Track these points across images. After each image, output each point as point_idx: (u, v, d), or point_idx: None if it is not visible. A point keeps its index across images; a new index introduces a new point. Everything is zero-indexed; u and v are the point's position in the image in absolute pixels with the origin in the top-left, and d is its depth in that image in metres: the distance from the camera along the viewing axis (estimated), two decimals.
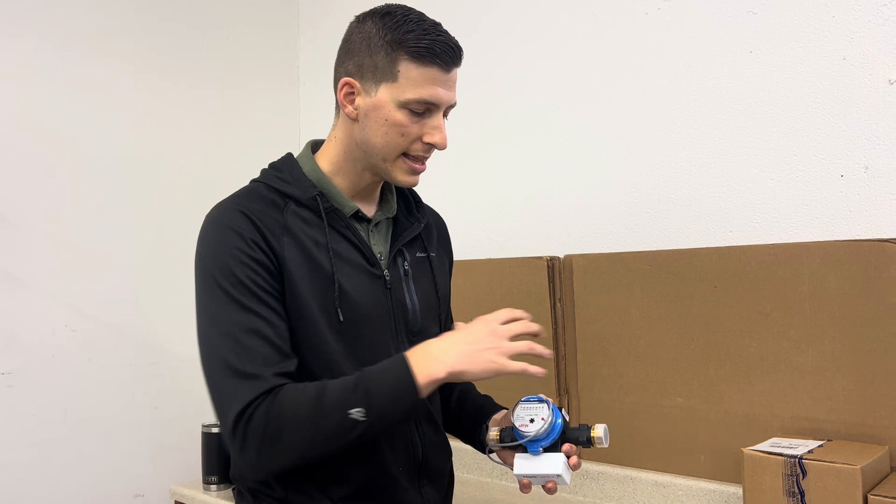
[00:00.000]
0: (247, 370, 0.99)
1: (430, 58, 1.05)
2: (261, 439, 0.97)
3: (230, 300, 1.03)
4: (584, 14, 1.86)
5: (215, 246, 1.06)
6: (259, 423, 0.97)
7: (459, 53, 1.09)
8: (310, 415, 0.98)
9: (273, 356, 1.02)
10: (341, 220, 1.13)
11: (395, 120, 1.07)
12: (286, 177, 1.14)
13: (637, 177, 1.76)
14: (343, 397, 0.98)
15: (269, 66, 2.54)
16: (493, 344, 1.03)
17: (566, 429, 1.08)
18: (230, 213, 1.08)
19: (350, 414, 0.97)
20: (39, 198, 1.96)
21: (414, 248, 1.22)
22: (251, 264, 1.04)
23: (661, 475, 1.53)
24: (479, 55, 2.08)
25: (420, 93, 1.06)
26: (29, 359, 1.92)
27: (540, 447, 1.05)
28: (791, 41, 1.54)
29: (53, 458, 1.95)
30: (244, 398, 0.98)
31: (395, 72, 1.05)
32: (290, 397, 0.99)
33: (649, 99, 1.74)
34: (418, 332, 1.18)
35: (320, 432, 0.98)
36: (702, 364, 1.49)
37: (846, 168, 1.47)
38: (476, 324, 1.07)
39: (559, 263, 1.71)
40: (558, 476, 1.04)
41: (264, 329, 1.02)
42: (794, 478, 1.20)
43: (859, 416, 1.31)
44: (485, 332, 1.05)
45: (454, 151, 2.13)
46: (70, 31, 2.04)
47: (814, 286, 1.36)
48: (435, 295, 1.23)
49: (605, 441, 1.08)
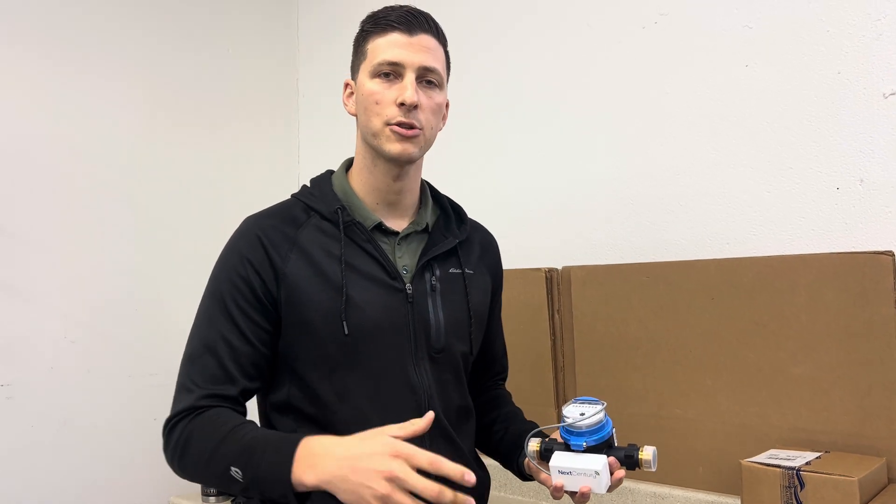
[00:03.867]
0: (187, 384, 1.08)
1: (388, 24, 1.11)
2: (171, 453, 1.07)
3: (208, 313, 1.11)
4: (580, 26, 1.87)
5: (222, 261, 1.14)
6: (174, 435, 1.06)
7: (424, 18, 1.14)
8: (204, 451, 1.02)
9: (218, 376, 1.08)
10: (362, 233, 1.13)
11: (368, 90, 1.11)
12: (315, 192, 1.18)
13: (634, 189, 1.77)
14: (234, 451, 0.99)
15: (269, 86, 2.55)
16: (377, 485, 0.86)
17: (613, 444, 1.01)
18: (245, 230, 1.14)
19: (231, 469, 0.99)
20: (39, 209, 1.97)
21: (448, 264, 1.20)
22: (239, 285, 1.09)
23: (660, 486, 1.53)
24: (475, 65, 2.09)
25: (381, 55, 1.10)
26: (28, 370, 1.92)
27: (584, 442, 0.98)
28: (786, 55, 1.55)
29: (52, 468, 1.95)
30: (175, 408, 1.08)
31: (364, 50, 1.13)
32: (204, 425, 1.04)
33: (646, 112, 1.75)
34: (441, 349, 1.16)
35: (209, 472, 1.03)
36: (699, 375, 1.50)
37: (842, 181, 1.48)
38: (380, 453, 0.89)
39: (557, 275, 1.72)
40: (596, 475, 0.95)
41: (221, 349, 1.08)
42: (792, 489, 1.20)
43: (856, 427, 1.32)
44: (379, 468, 0.87)
45: (451, 162, 2.15)
46: (71, 44, 2.05)
47: (810, 298, 1.37)
48: (467, 313, 1.20)
49: (653, 465, 0.99)
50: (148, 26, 2.22)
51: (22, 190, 1.94)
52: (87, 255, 2.05)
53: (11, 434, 1.89)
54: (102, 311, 2.07)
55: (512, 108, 2.02)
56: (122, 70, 2.15)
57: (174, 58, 2.28)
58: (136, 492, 2.10)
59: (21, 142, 1.95)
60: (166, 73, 2.26)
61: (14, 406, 1.89)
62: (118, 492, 2.07)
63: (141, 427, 2.11)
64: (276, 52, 2.59)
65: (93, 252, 2.06)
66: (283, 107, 2.59)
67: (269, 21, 2.58)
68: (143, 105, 2.19)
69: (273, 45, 2.58)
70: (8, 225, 1.91)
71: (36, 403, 1.93)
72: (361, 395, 1.09)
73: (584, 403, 1.03)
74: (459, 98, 2.12)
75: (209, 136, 2.35)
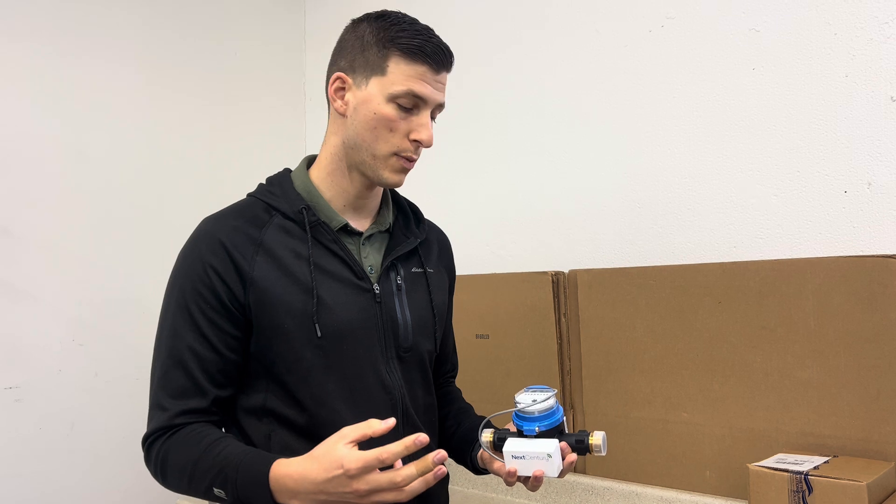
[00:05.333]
0: (159, 400, 1.08)
1: (421, 55, 1.07)
2: (153, 469, 1.09)
3: (172, 325, 1.09)
4: (588, 31, 1.87)
5: (180, 267, 1.12)
6: (153, 455, 1.08)
7: (450, 57, 1.11)
8: (184, 472, 1.04)
9: (189, 390, 1.07)
10: (327, 233, 1.12)
11: (383, 114, 1.08)
12: (276, 191, 1.16)
13: (641, 193, 1.77)
14: (210, 471, 1.01)
15: (276, 81, 2.57)
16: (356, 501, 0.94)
17: (564, 430, 1.04)
18: (204, 234, 1.11)
19: (213, 489, 1.02)
20: (45, 211, 1.97)
21: (410, 263, 1.21)
22: (203, 292, 1.08)
23: (666, 491, 1.53)
24: (485, 71, 2.09)
25: (409, 85, 1.07)
26: (35, 373, 1.93)
27: (536, 427, 1.01)
28: (794, 58, 1.55)
29: (59, 471, 1.95)
30: (150, 427, 1.09)
31: (385, 66, 1.08)
32: (178, 445, 1.05)
33: (653, 115, 1.75)
34: (409, 347, 1.17)
35: (193, 490, 1.04)
36: (706, 379, 1.50)
37: (849, 184, 1.48)
38: (339, 479, 0.94)
39: (564, 278, 1.72)
40: (549, 457, 0.98)
41: (189, 361, 1.07)
42: (800, 494, 1.19)
43: (864, 431, 1.31)
44: (347, 489, 0.93)
45: (459, 166, 2.15)
46: (74, 41, 2.06)
47: (818, 302, 1.37)
48: (431, 311, 1.22)
49: (602, 449, 1.02)
50: (153, 21, 2.23)
51: (29, 192, 1.95)
52: (95, 258, 2.06)
53: (20, 436, 1.89)
54: (110, 313, 2.07)
55: (520, 113, 2.02)
56: (127, 68, 2.16)
57: (179, 54, 2.29)
58: (144, 494, 2.10)
59: (26, 142, 1.96)
60: (171, 72, 2.27)
61: (22, 408, 1.90)
62: (125, 493, 2.07)
63: None
64: (283, 39, 2.60)
65: (101, 254, 2.07)
66: (290, 104, 2.60)
67: (275, 7, 2.59)
68: (148, 104, 2.20)
69: (280, 32, 2.59)
70: (15, 227, 1.92)
71: (44, 406, 1.94)
72: (338, 397, 1.09)
73: (536, 391, 1.05)
74: (470, 104, 2.13)
75: (216, 133, 2.36)
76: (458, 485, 1.82)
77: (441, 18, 2.17)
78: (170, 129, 2.25)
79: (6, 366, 1.88)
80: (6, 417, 1.87)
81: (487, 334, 1.81)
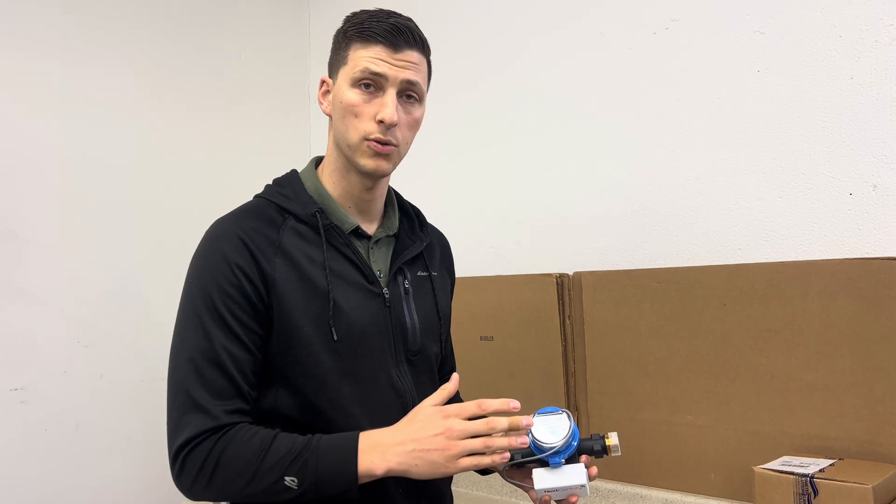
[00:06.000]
0: (200, 402, 1.02)
1: (374, 37, 1.08)
2: (195, 474, 1.01)
3: (200, 326, 1.05)
4: (592, 32, 1.88)
5: (202, 267, 1.08)
6: (197, 458, 1.00)
7: (410, 33, 1.10)
8: (246, 468, 0.99)
9: (228, 390, 1.03)
10: (340, 237, 1.13)
11: (348, 100, 1.09)
12: (287, 192, 1.15)
13: (646, 194, 1.77)
14: (283, 461, 0.99)
15: (280, 85, 2.57)
16: (443, 445, 0.98)
17: (580, 439, 1.06)
18: (224, 234, 1.09)
19: (284, 480, 0.98)
20: (51, 213, 1.98)
21: (415, 267, 1.22)
22: (231, 292, 1.05)
23: (671, 493, 1.52)
24: (489, 74, 2.09)
25: (363, 64, 1.08)
26: (41, 374, 1.93)
27: (562, 459, 1.02)
28: (799, 61, 1.55)
29: (64, 472, 1.96)
30: (191, 431, 1.01)
31: (346, 56, 1.11)
32: (235, 444, 1.00)
33: (658, 117, 1.75)
34: (417, 351, 1.17)
35: (252, 488, 0.99)
36: (711, 381, 1.49)
37: (855, 186, 1.48)
38: (431, 419, 1.00)
39: (568, 280, 1.72)
40: (582, 487, 1.02)
41: (225, 361, 1.03)
42: (805, 496, 1.19)
43: (870, 434, 1.31)
44: (437, 431, 0.98)
45: (462, 168, 2.15)
46: (80, 47, 2.06)
47: (823, 304, 1.36)
48: (436, 314, 1.23)
49: (619, 450, 1.06)
50: (157, 26, 2.24)
51: (34, 195, 1.95)
52: (100, 260, 2.06)
53: (25, 437, 1.90)
54: (115, 315, 2.08)
55: (525, 114, 2.02)
56: (131, 72, 2.16)
57: (183, 58, 2.30)
58: (148, 495, 2.10)
59: (32, 146, 1.96)
60: (176, 75, 2.27)
61: (28, 409, 1.91)
62: (130, 495, 2.07)
63: (154, 431, 2.12)
64: (287, 44, 2.60)
65: (106, 256, 2.07)
66: (294, 107, 2.60)
67: (280, 13, 2.59)
68: (152, 107, 2.20)
69: (285, 37, 2.59)
70: (20, 229, 1.93)
71: (49, 407, 1.94)
72: (353, 401, 1.09)
73: (547, 415, 1.05)
74: (473, 107, 2.13)
75: (220, 136, 2.36)
76: (462, 486, 1.82)
77: (444, 23, 2.18)
78: (175, 132, 2.25)
79: (12, 367, 1.88)
80: (12, 418, 1.88)
81: (492, 336, 1.81)
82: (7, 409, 1.87)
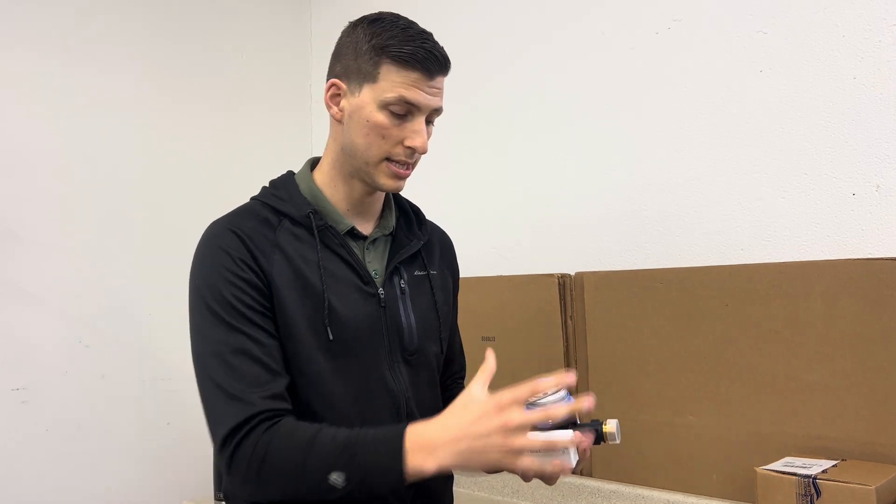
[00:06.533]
0: (234, 392, 1.00)
1: (412, 62, 1.06)
2: (245, 471, 0.99)
3: (219, 321, 1.04)
4: (593, 32, 1.87)
5: (206, 266, 1.08)
6: (245, 454, 0.98)
7: (444, 61, 1.10)
8: (292, 467, 0.97)
9: (262, 376, 1.02)
10: (335, 237, 1.13)
11: (375, 121, 1.08)
12: (282, 194, 1.15)
13: (648, 195, 1.76)
14: (329, 457, 0.96)
15: (282, 86, 2.57)
16: (500, 442, 0.92)
17: (576, 421, 1.02)
18: (222, 232, 1.09)
19: (329, 479, 0.95)
20: (52, 214, 1.98)
21: (413, 266, 1.22)
22: (240, 284, 1.05)
23: (673, 494, 1.52)
24: (491, 74, 2.09)
25: (400, 92, 1.06)
26: (42, 374, 1.93)
27: (550, 422, 0.98)
28: (801, 60, 1.55)
29: (66, 472, 1.96)
30: (230, 421, 0.99)
31: (376, 74, 1.07)
32: (280, 439, 0.98)
33: (660, 117, 1.75)
34: (415, 351, 1.17)
35: (300, 486, 0.97)
36: (713, 382, 1.49)
37: (858, 186, 1.47)
38: (485, 412, 0.94)
39: (570, 281, 1.72)
40: (566, 452, 0.97)
41: (252, 348, 1.03)
42: (808, 497, 1.19)
43: (872, 435, 1.31)
44: (493, 426, 0.93)
45: (464, 168, 2.15)
46: (81, 47, 2.06)
47: (825, 304, 1.36)
48: (435, 314, 1.22)
49: (617, 437, 1.01)
50: (159, 26, 2.24)
51: (35, 195, 1.96)
52: (101, 260, 2.06)
53: (26, 438, 1.90)
54: (116, 315, 2.08)
55: (526, 114, 2.02)
56: (132, 72, 2.16)
57: (184, 59, 2.30)
58: (150, 496, 2.10)
59: (32, 146, 1.96)
60: (176, 75, 2.27)
61: (29, 410, 1.91)
62: (132, 496, 2.07)
63: (154, 431, 2.12)
64: (289, 44, 2.60)
65: (107, 257, 2.07)
66: (295, 107, 2.60)
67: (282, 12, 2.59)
68: (153, 107, 2.20)
69: (286, 37, 2.59)
70: (21, 230, 1.93)
71: (50, 407, 1.94)
72: (347, 400, 1.09)
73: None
74: (475, 107, 2.13)
75: (221, 136, 2.36)
76: (463, 487, 1.82)
77: (446, 24, 2.18)
78: (176, 132, 2.25)
79: (13, 367, 1.88)
80: (13, 419, 1.88)
81: (493, 337, 1.81)
82: (8, 409, 1.87)
